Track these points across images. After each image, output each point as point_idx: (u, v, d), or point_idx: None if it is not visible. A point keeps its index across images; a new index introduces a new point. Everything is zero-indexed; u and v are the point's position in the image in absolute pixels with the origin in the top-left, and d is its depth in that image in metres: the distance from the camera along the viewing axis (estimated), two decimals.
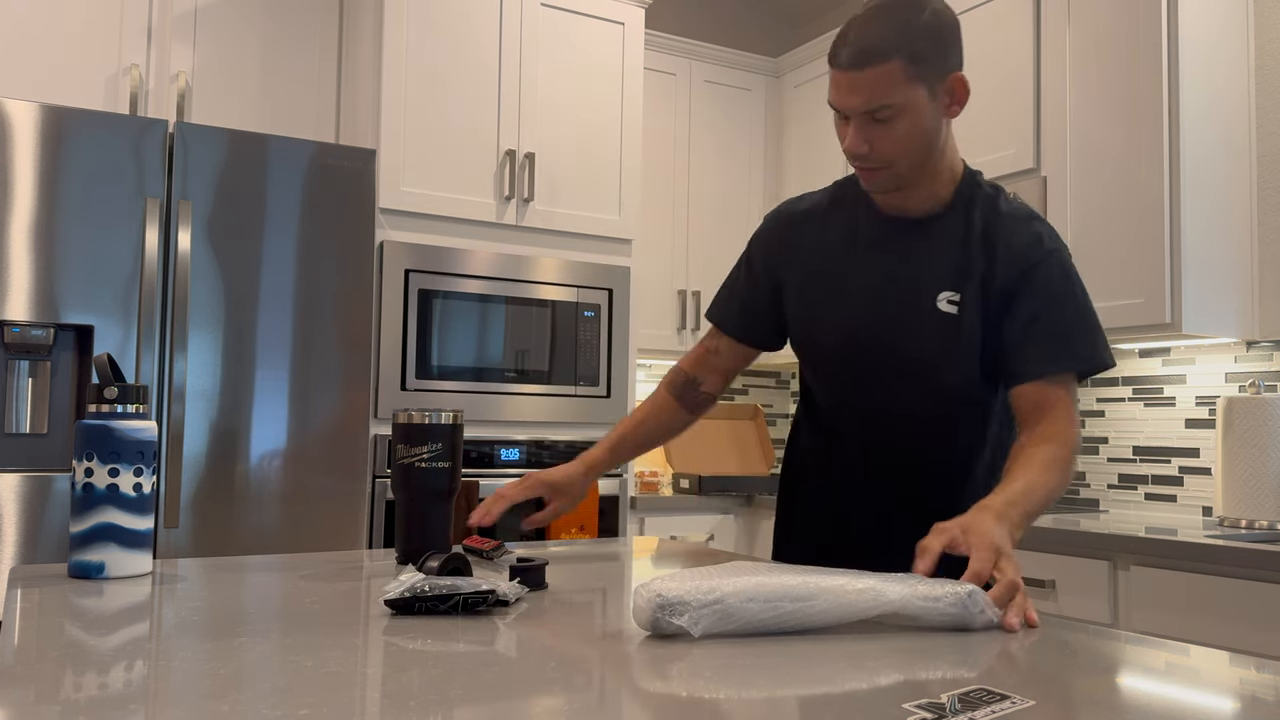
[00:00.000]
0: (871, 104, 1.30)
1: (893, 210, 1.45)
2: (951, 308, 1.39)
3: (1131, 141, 2.59)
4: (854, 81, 1.30)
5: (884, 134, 1.33)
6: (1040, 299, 1.37)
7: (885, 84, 1.29)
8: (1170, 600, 2.13)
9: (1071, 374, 1.37)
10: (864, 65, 1.29)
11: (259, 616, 1.03)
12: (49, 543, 2.35)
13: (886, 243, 1.44)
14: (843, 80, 1.31)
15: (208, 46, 3.06)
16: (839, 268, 1.47)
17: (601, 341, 3.17)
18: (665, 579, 0.98)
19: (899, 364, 1.43)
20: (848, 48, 1.30)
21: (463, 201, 3.00)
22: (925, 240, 1.42)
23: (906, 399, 1.45)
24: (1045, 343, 1.36)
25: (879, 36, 1.29)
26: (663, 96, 3.70)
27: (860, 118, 1.32)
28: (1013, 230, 1.40)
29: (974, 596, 1.02)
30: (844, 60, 1.30)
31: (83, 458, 1.24)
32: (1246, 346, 2.66)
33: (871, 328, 1.44)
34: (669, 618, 0.94)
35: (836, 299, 1.47)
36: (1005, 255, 1.38)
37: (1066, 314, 1.37)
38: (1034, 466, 1.27)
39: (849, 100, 1.32)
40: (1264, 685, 0.84)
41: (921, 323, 1.41)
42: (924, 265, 1.41)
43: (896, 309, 1.42)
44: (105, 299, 2.43)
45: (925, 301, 1.40)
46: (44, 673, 0.78)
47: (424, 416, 1.42)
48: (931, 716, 0.71)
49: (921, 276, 1.41)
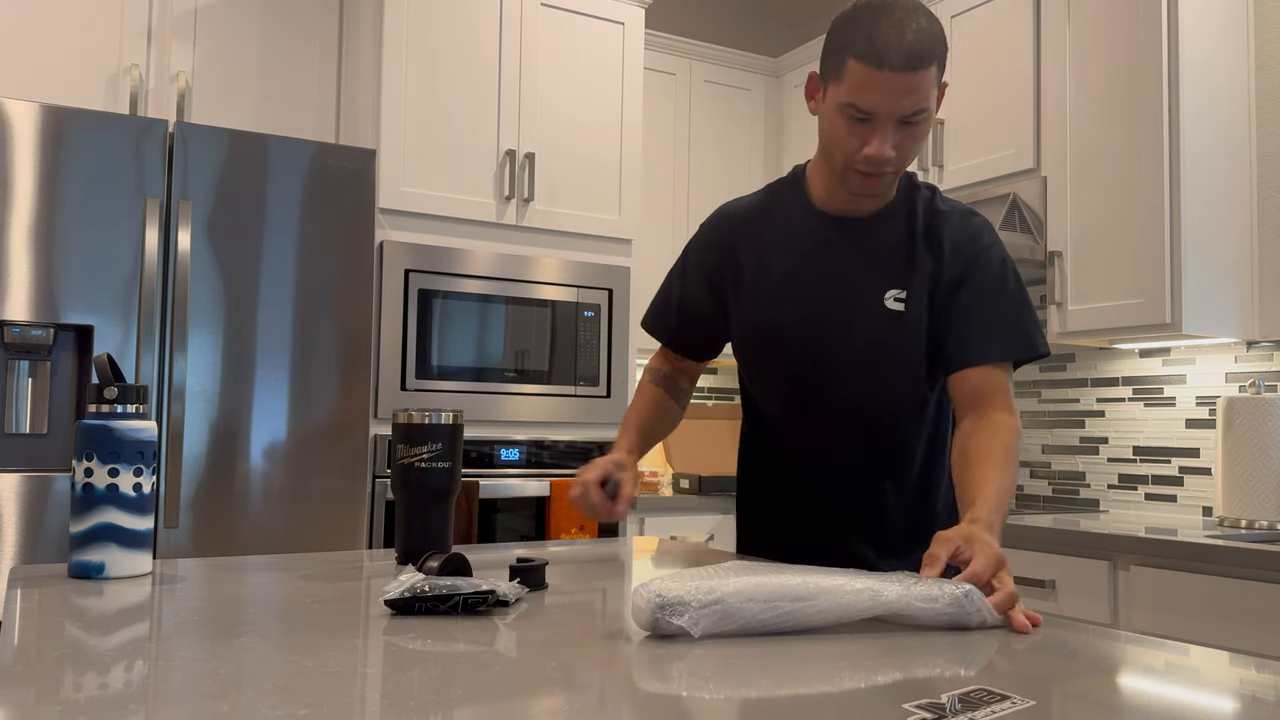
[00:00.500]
0: (916, 107, 1.28)
1: (839, 210, 1.45)
2: (898, 305, 1.42)
3: (1131, 141, 2.59)
4: (906, 84, 1.26)
5: (908, 138, 1.32)
6: (980, 288, 1.40)
7: (927, 88, 1.28)
8: (1170, 600, 2.13)
9: (1009, 362, 1.39)
10: (917, 68, 1.25)
11: (259, 616, 1.03)
12: (49, 543, 2.35)
13: (833, 242, 1.45)
14: (892, 82, 1.26)
15: (208, 46, 3.06)
16: (784, 268, 1.47)
17: (601, 341, 3.17)
18: (665, 579, 0.98)
19: (847, 362, 1.45)
20: (899, 50, 1.24)
21: (463, 201, 3.00)
22: (871, 239, 1.44)
23: (854, 397, 1.46)
24: (984, 330, 1.39)
25: (928, 43, 1.26)
26: (663, 96, 3.70)
27: (893, 122, 1.29)
28: (955, 225, 1.43)
29: (970, 596, 1.02)
30: (898, 62, 1.24)
31: (82, 458, 1.24)
32: (1247, 346, 2.66)
33: (820, 326, 1.44)
34: (668, 618, 0.94)
35: (784, 299, 1.47)
36: (951, 249, 1.41)
37: (1004, 303, 1.40)
38: (997, 465, 1.29)
39: (898, 103, 1.27)
40: (1264, 685, 0.84)
41: (869, 320, 1.42)
42: (870, 264, 1.43)
43: (845, 307, 1.43)
44: (105, 299, 2.43)
45: (872, 299, 1.42)
46: (44, 673, 0.78)
47: (424, 416, 1.42)
48: (931, 716, 0.71)
49: (868, 275, 1.43)
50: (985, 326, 1.39)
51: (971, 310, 1.39)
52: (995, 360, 1.38)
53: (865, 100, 1.28)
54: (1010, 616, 1.04)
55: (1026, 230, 2.84)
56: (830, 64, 1.33)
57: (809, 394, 1.48)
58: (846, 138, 1.33)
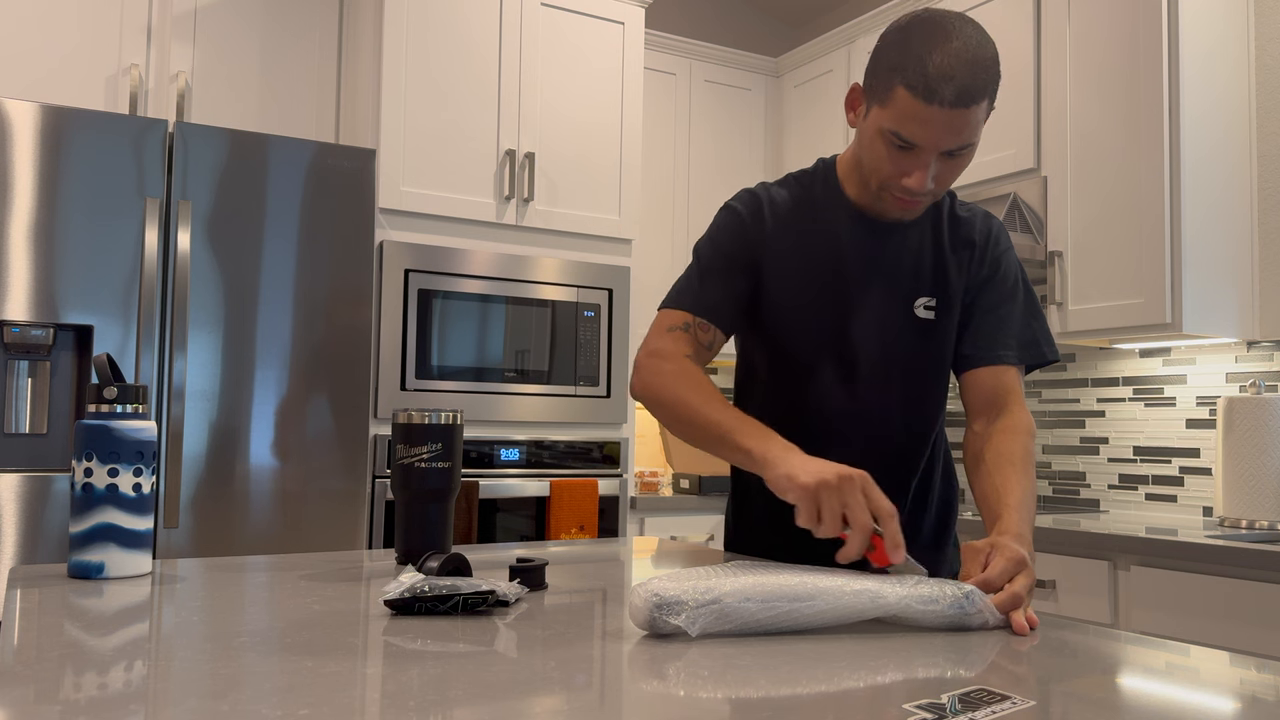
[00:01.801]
0: (962, 142, 1.26)
1: (872, 211, 1.43)
2: (929, 313, 1.42)
3: (1131, 141, 2.59)
4: (955, 120, 1.23)
5: (950, 169, 1.30)
6: (1002, 290, 1.41)
7: (975, 123, 1.26)
8: (1170, 600, 2.13)
9: (1022, 365, 1.41)
10: (969, 104, 1.23)
11: (259, 616, 1.03)
12: (49, 543, 2.35)
13: (869, 245, 1.43)
14: (941, 118, 1.23)
15: (208, 46, 3.06)
16: (820, 264, 1.43)
17: (601, 341, 3.17)
18: (662, 579, 0.98)
19: (869, 367, 1.43)
20: (951, 85, 1.21)
21: (462, 201, 3.00)
22: (902, 244, 1.43)
23: (870, 403, 1.44)
24: (1004, 330, 1.40)
25: (981, 77, 1.23)
26: (663, 96, 3.70)
27: (937, 154, 1.28)
28: (979, 229, 1.44)
29: (971, 597, 1.02)
30: (949, 98, 1.22)
31: (82, 458, 1.24)
32: (1247, 346, 2.66)
33: (848, 326, 1.43)
34: (666, 617, 0.94)
35: (825, 295, 1.43)
36: (979, 254, 1.43)
37: (1022, 307, 1.42)
38: (1017, 471, 1.29)
39: (945, 139, 1.25)
40: (1264, 685, 0.84)
41: (899, 327, 1.42)
42: (903, 269, 1.42)
43: (876, 310, 1.42)
44: (105, 299, 2.43)
45: (905, 306, 1.42)
46: (44, 673, 0.78)
47: (424, 416, 1.42)
48: (931, 716, 0.71)
49: (901, 280, 1.42)
50: (1005, 327, 1.40)
51: (992, 311, 1.40)
52: (1014, 361, 1.39)
53: (911, 132, 1.25)
54: (1010, 617, 1.04)
55: (1026, 230, 2.84)
56: (878, 84, 1.28)
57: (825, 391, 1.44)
58: (886, 163, 1.30)
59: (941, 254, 1.42)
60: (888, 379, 1.43)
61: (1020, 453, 1.31)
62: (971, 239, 1.43)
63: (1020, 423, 1.36)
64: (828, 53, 3.67)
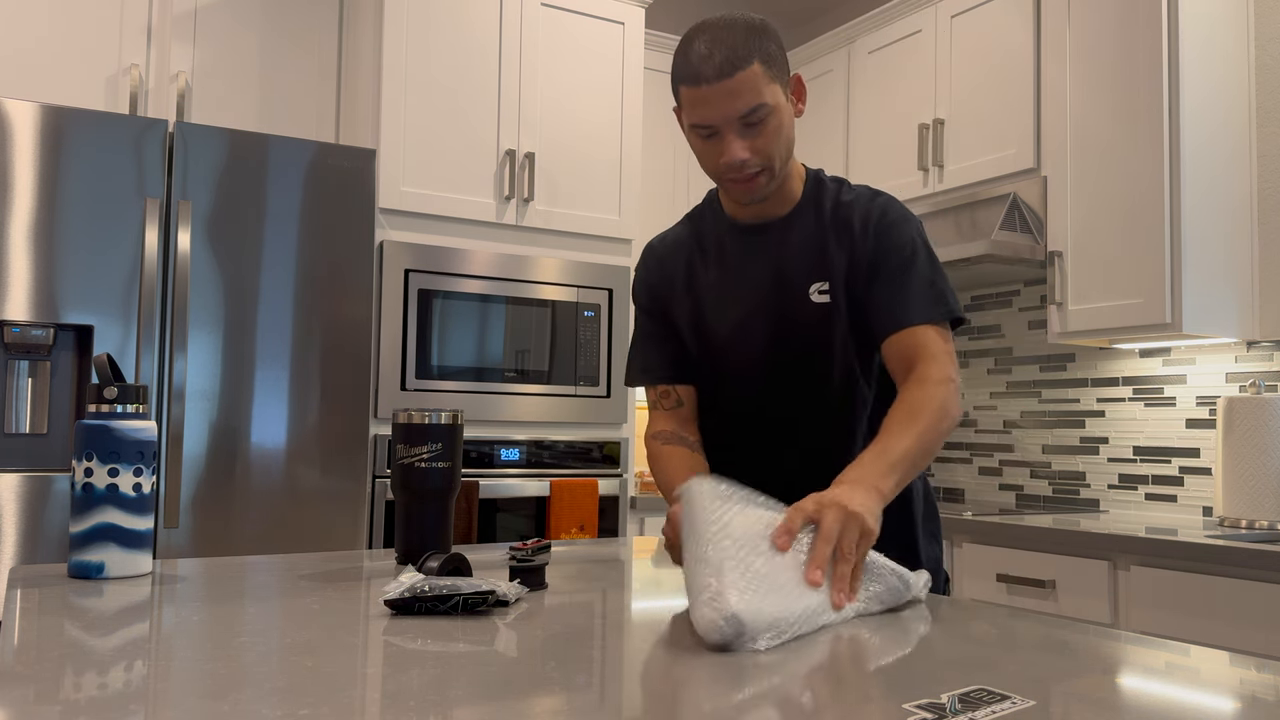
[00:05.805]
0: (748, 107, 1.33)
1: (752, 218, 1.50)
2: (824, 297, 1.45)
3: (1131, 141, 2.59)
4: (726, 90, 1.32)
5: (761, 136, 1.37)
6: (894, 260, 1.43)
7: (754, 86, 1.33)
8: (1170, 600, 2.13)
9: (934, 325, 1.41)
10: (733, 72, 1.32)
11: (259, 616, 1.03)
12: (49, 543, 2.35)
13: (754, 249, 1.50)
14: (712, 93, 1.33)
15: (208, 46, 3.06)
16: (715, 280, 1.52)
17: (601, 341, 3.17)
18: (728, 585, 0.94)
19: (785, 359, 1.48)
20: (708, 62, 1.32)
21: (462, 201, 3.00)
22: (787, 237, 1.48)
23: (795, 393, 1.48)
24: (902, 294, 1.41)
25: (735, 44, 1.32)
26: (663, 96, 3.70)
27: (734, 127, 1.35)
28: (861, 208, 1.47)
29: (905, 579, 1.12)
30: (711, 74, 1.32)
31: (82, 458, 1.24)
32: (1247, 346, 2.66)
33: (755, 327, 1.48)
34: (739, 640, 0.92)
35: (724, 314, 1.50)
36: (860, 231, 1.45)
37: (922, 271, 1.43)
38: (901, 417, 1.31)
39: (725, 109, 1.33)
40: (1264, 685, 0.84)
41: (800, 315, 1.46)
42: (792, 261, 1.47)
43: (775, 306, 1.47)
44: (105, 299, 2.43)
45: (800, 295, 1.46)
46: (44, 673, 0.78)
47: (424, 416, 1.42)
48: (931, 716, 0.71)
49: (791, 272, 1.47)
50: (905, 292, 1.41)
51: (891, 280, 1.43)
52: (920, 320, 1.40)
53: (700, 116, 1.35)
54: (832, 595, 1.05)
55: (1026, 230, 2.84)
56: (675, 98, 1.40)
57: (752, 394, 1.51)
58: (705, 155, 1.40)
59: (824, 238, 1.46)
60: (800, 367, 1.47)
61: (912, 400, 1.32)
62: (850, 221, 1.46)
63: (925, 373, 1.35)
64: (828, 53, 3.67)
